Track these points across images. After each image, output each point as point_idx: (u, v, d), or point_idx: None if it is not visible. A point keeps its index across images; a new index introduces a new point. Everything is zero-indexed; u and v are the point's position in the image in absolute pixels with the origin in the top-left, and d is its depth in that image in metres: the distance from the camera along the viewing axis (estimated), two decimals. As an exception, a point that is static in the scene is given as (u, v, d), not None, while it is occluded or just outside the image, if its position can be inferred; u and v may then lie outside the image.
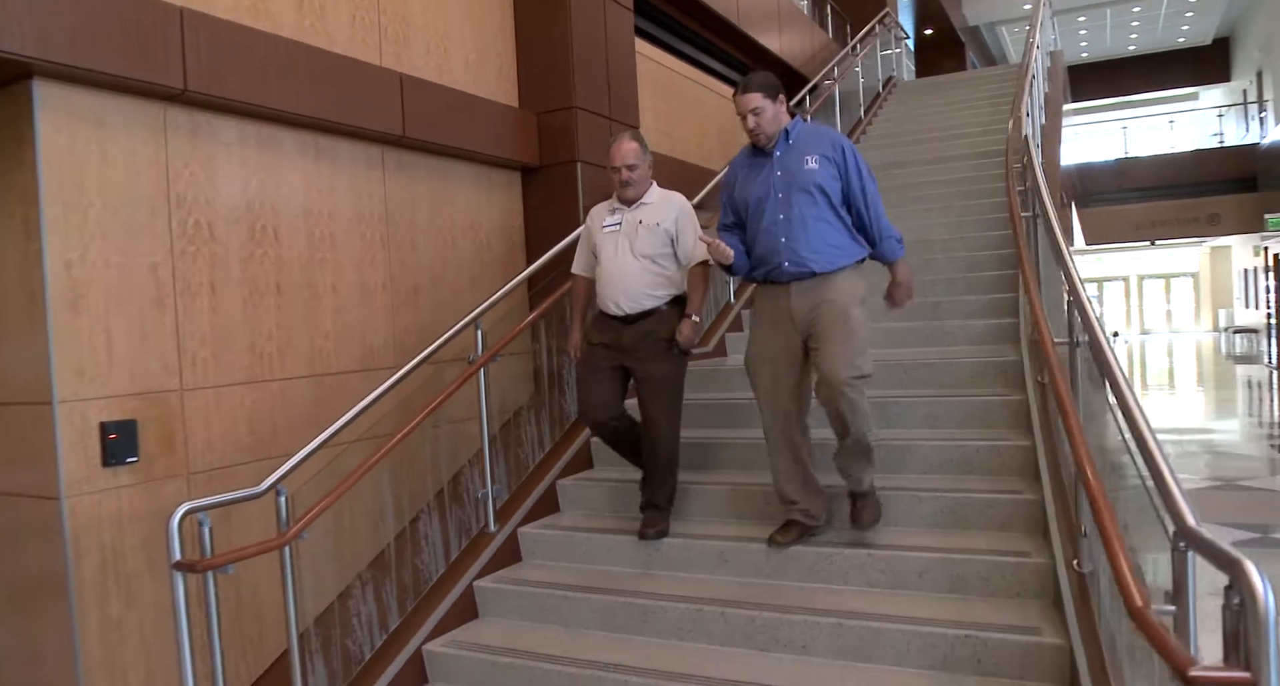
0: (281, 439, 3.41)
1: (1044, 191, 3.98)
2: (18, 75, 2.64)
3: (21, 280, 2.73)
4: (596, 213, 3.46)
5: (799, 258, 2.95)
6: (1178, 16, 18.91)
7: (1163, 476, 1.99)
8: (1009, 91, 10.25)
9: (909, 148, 8.71)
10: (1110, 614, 2.60)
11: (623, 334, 3.29)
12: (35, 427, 2.73)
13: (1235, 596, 1.54)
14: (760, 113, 2.94)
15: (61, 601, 2.73)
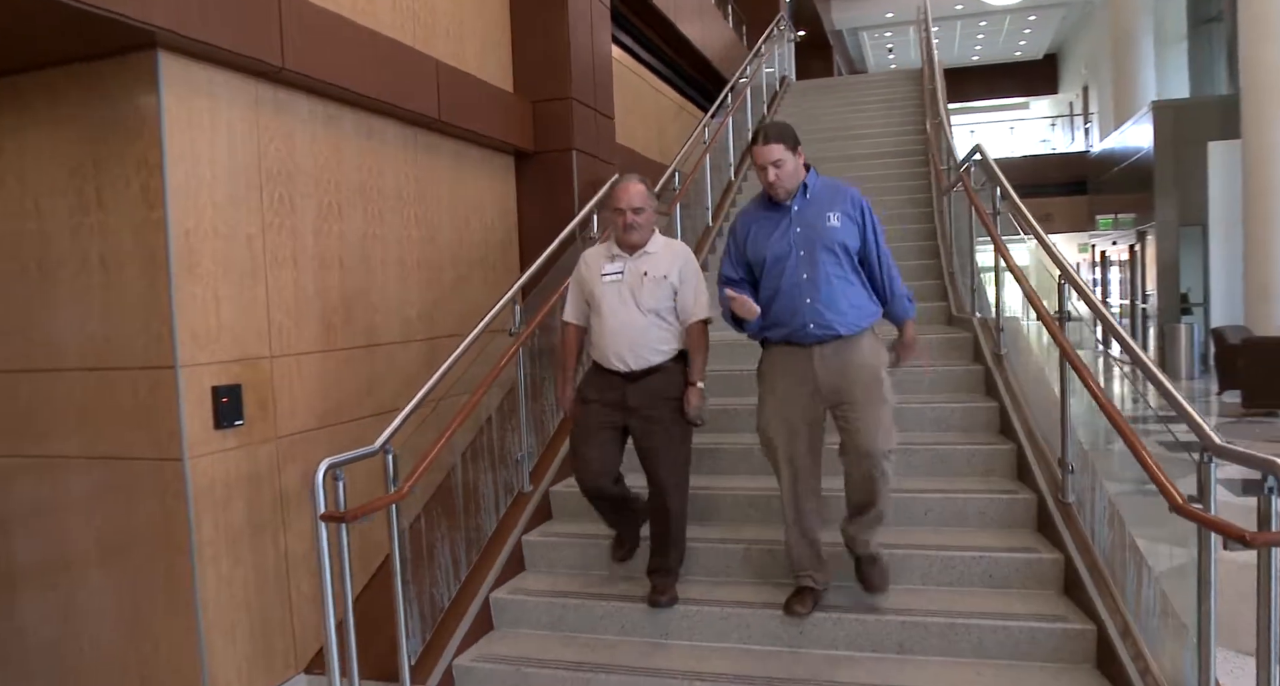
0: (347, 406, 3.60)
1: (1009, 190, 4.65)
2: (140, 45, 2.74)
3: (138, 246, 2.84)
4: (592, 258, 3.22)
5: (824, 320, 2.86)
6: (1016, 33, 21.00)
7: (1183, 407, 2.64)
8: (895, 96, 11.30)
9: (817, 146, 9.44)
10: (1101, 529, 3.27)
11: (627, 393, 3.09)
12: (154, 391, 2.85)
13: (1270, 482, 2.16)
14: (782, 165, 2.83)
15: (184, 559, 2.87)
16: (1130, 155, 13.96)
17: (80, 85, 2.86)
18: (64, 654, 3.05)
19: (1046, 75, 23.70)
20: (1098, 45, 19.23)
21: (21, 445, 3.04)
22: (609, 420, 3.14)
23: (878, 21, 19.39)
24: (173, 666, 2.92)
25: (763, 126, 2.91)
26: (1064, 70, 23.36)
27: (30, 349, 3.01)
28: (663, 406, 3.11)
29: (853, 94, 11.69)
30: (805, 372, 2.91)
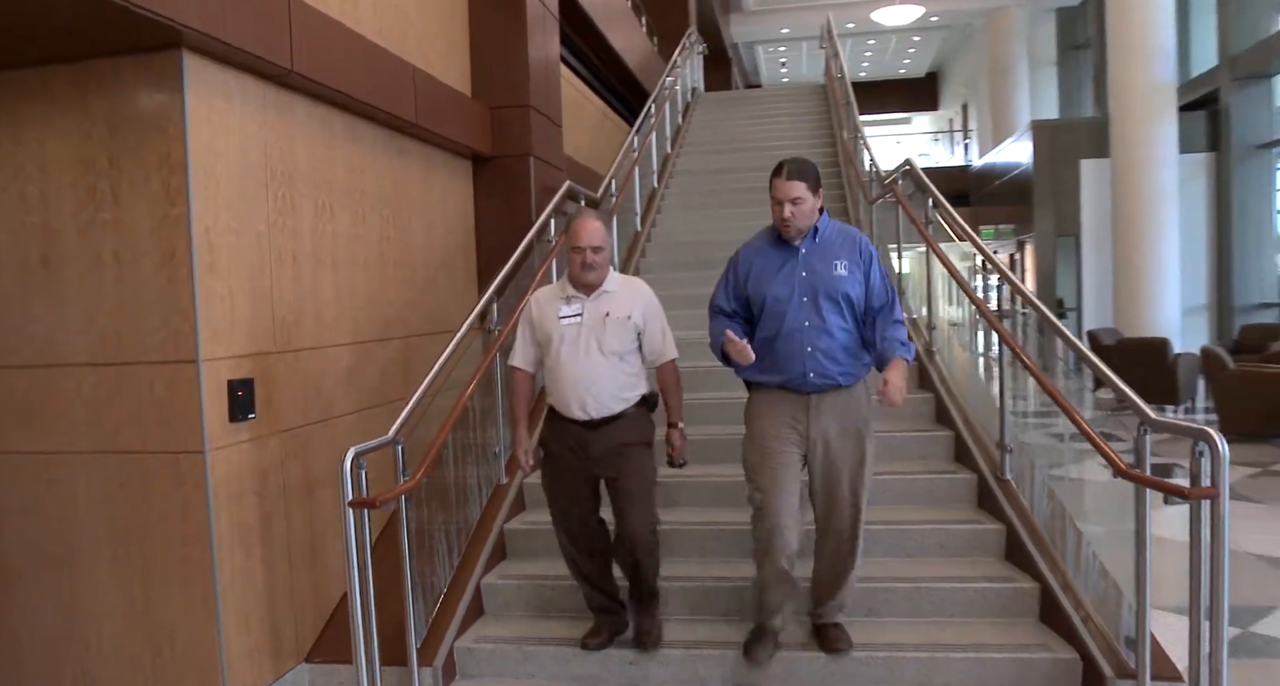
0: (337, 401, 3.71)
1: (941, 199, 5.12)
2: (165, 44, 2.82)
3: (157, 242, 2.90)
4: (545, 299, 3.08)
5: (825, 369, 2.83)
6: (901, 52, 22.26)
7: (1119, 386, 3.09)
8: (801, 109, 11.90)
9: (731, 156, 9.90)
10: (1041, 502, 3.72)
11: (588, 442, 2.97)
12: (172, 386, 2.92)
13: (1201, 448, 2.60)
14: (800, 204, 2.78)
15: (201, 551, 2.95)
16: (1011, 170, 15.06)
17: (100, 81, 2.90)
18: (73, 647, 3.06)
19: (928, 92, 25.19)
20: (976, 66, 20.61)
21: (26, 441, 3.04)
22: (578, 468, 3.01)
23: (774, 37, 20.21)
24: (188, 658, 2.99)
25: (786, 161, 2.84)
26: (944, 88, 24.87)
27: (36, 344, 3.02)
28: (629, 455, 2.98)
29: (762, 106, 12.24)
30: (798, 419, 2.87)
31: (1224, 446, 2.56)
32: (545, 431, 3.11)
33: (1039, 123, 14.13)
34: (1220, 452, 2.56)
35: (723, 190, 8.69)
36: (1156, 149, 11.27)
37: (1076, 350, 3.42)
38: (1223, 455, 2.56)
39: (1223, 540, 2.61)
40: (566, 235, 3.01)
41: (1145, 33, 11.53)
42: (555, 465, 3.07)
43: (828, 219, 2.93)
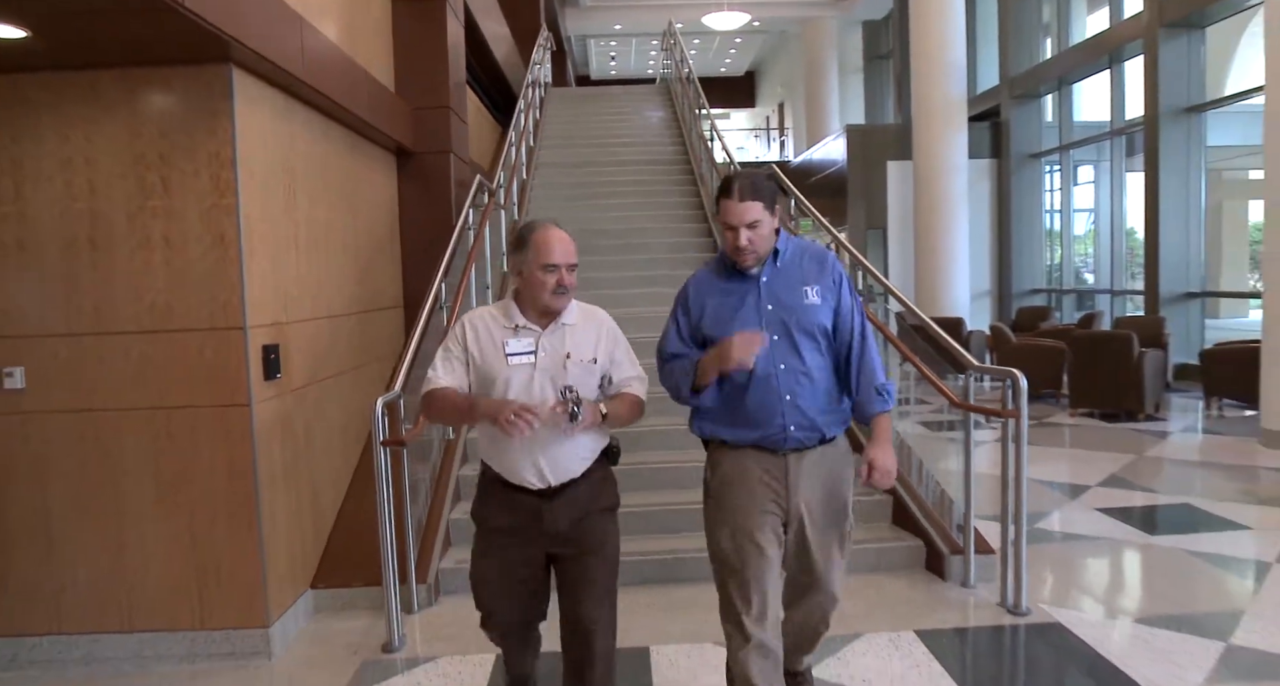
0: (322, 365, 4.33)
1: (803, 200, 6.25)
2: (218, 58, 3.39)
3: (207, 228, 3.46)
4: (484, 326, 2.46)
5: (809, 420, 2.40)
6: (724, 52, 23.93)
7: (952, 344, 4.30)
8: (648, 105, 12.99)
9: (590, 149, 10.82)
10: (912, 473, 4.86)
11: (544, 514, 2.42)
12: (220, 350, 3.50)
13: (1008, 383, 3.80)
14: (758, 228, 2.36)
15: (247, 489, 3.55)
16: (827, 167, 16.83)
17: (149, 86, 3.42)
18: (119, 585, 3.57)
19: (746, 90, 27.12)
20: (792, 69, 22.54)
21: (72, 400, 3.51)
22: (524, 556, 2.49)
23: (606, 32, 21.24)
24: (235, 586, 3.58)
25: (737, 176, 2.44)
26: (762, 87, 26.86)
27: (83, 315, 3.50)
28: (593, 524, 2.48)
29: (612, 104, 13.22)
30: (776, 482, 2.42)
31: (1024, 382, 3.78)
32: (482, 505, 2.52)
33: (852, 127, 15.93)
34: (1021, 386, 3.77)
35: (588, 182, 9.60)
36: (950, 154, 13.18)
37: (922, 322, 4.62)
38: (1023, 388, 3.77)
39: (1023, 449, 3.84)
40: (525, 250, 2.38)
41: (941, 51, 13.42)
42: (495, 549, 2.49)
43: (787, 237, 2.48)
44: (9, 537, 3.56)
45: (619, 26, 20.50)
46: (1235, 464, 6.50)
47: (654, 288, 7.07)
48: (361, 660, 3.56)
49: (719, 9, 17.85)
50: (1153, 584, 4.32)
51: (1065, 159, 13.61)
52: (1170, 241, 10.51)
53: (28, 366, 3.50)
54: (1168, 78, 10.45)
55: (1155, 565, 4.46)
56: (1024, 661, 3.53)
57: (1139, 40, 10.86)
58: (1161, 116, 10.46)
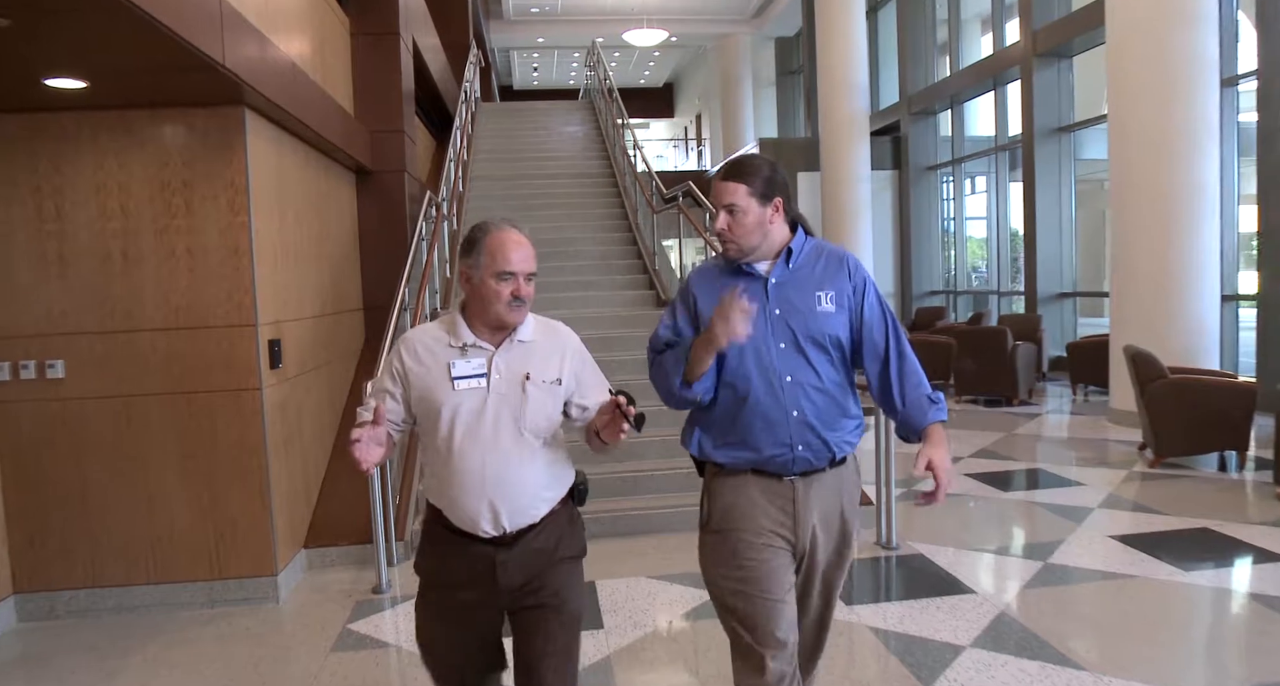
0: (308, 358, 5.09)
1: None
2: (231, 100, 4.14)
3: (223, 240, 4.21)
4: (424, 346, 2.13)
5: (819, 439, 2.17)
6: (643, 64, 24.99)
7: None
8: (573, 120, 13.88)
9: (522, 163, 11.66)
10: None
11: (500, 567, 2.10)
12: (234, 344, 4.25)
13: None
14: (737, 213, 2.13)
15: (258, 460, 4.31)
16: (741, 178, 17.96)
17: (175, 124, 4.16)
18: (147, 541, 4.28)
19: (665, 101, 28.25)
20: (709, 82, 23.71)
21: (104, 387, 4.21)
22: (479, 620, 2.17)
23: (529, 44, 22.05)
24: (247, 542, 4.33)
25: (734, 157, 2.28)
26: (680, 99, 28.02)
27: (116, 316, 4.20)
28: (556, 576, 2.15)
29: (538, 119, 14.08)
30: (781, 517, 2.19)
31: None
32: (426, 556, 2.20)
33: (764, 140, 17.11)
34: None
35: (521, 194, 10.44)
36: (854, 166, 14.41)
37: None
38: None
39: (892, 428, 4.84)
40: (476, 254, 2.07)
41: (845, 71, 14.66)
42: (445, 612, 2.16)
43: (804, 237, 2.25)
44: (49, 504, 4.24)
45: (542, 40, 21.35)
46: (1086, 437, 7.71)
47: (587, 291, 7.96)
48: (355, 600, 4.36)
49: (639, 26, 18.85)
50: (997, 525, 5.38)
51: (958, 171, 14.99)
52: (1045, 247, 11.86)
53: (67, 360, 4.20)
54: (1041, 100, 11.82)
55: (1003, 513, 5.54)
56: (894, 578, 4.51)
57: (1017, 66, 12.22)
58: (1036, 135, 11.81)
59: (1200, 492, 5.79)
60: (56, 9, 2.77)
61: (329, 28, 6.08)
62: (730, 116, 21.34)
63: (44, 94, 3.80)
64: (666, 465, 5.53)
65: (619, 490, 5.34)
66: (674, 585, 4.34)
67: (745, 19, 20.60)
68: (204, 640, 3.98)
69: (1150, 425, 6.49)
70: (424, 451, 2.16)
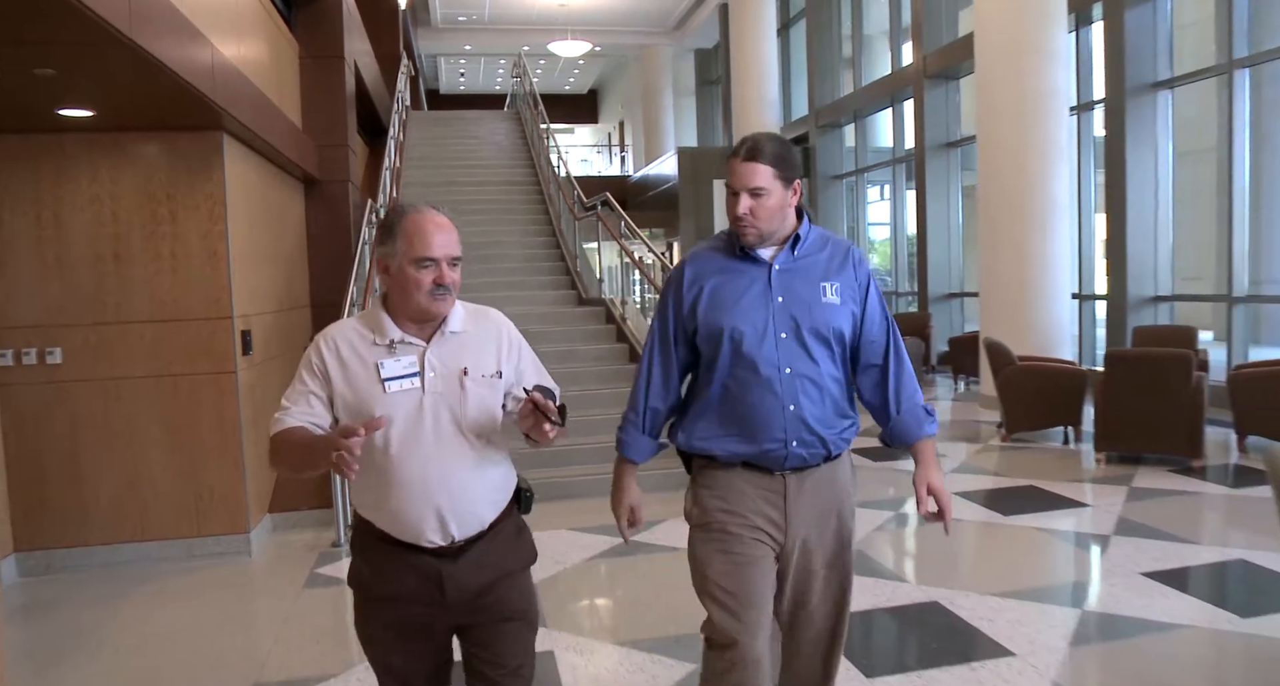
0: (269, 348, 5.85)
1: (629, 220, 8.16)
2: (212, 125, 4.90)
3: (204, 245, 4.97)
4: (349, 345, 1.94)
5: (815, 436, 2.10)
6: (568, 71, 25.86)
7: None
8: (500, 129, 14.69)
9: (453, 170, 12.43)
10: None
11: (447, 580, 1.95)
12: (212, 334, 5.01)
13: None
14: (763, 196, 2.04)
15: (234, 435, 5.08)
16: (662, 183, 18.97)
17: (161, 145, 4.90)
18: (134, 503, 5.01)
19: (590, 107, 29.19)
20: (632, 90, 24.70)
21: (98, 371, 4.93)
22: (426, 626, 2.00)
23: (457, 51, 22.73)
24: (223, 504, 5.10)
25: (751, 136, 2.12)
26: (604, 105, 28.98)
27: (108, 310, 4.92)
28: (506, 587, 2.04)
29: (467, 127, 14.85)
30: (770, 510, 2.14)
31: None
32: (360, 570, 2.03)
33: (683, 148, 18.12)
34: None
35: (452, 200, 11.20)
36: (766, 176, 15.50)
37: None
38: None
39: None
40: (394, 240, 1.91)
41: (757, 84, 15.80)
42: (390, 632, 2.01)
43: (809, 224, 2.18)
44: (45, 472, 4.93)
45: (469, 47, 22.06)
46: (959, 419, 8.88)
47: (513, 291, 8.81)
48: (318, 552, 5.15)
49: (563, 36, 19.72)
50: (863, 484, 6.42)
51: (860, 181, 16.23)
52: (935, 251, 13.12)
53: (64, 347, 4.90)
54: (931, 117, 13.07)
55: (869, 477, 6.58)
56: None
57: (911, 85, 13.46)
58: (927, 149, 13.05)
59: (1036, 460, 6.94)
60: (87, 58, 3.52)
61: (282, 53, 6.83)
62: (652, 124, 22.35)
63: (54, 120, 4.52)
64: (587, 441, 6.44)
65: (544, 462, 6.21)
66: (589, 534, 5.24)
67: (666, 31, 21.62)
68: (190, 584, 4.74)
69: (1003, 406, 7.64)
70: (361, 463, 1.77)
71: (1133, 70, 9.47)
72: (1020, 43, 8.81)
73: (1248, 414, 6.83)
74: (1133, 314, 9.59)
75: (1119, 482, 6.14)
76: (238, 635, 4.09)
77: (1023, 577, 4.50)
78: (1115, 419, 6.60)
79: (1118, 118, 9.58)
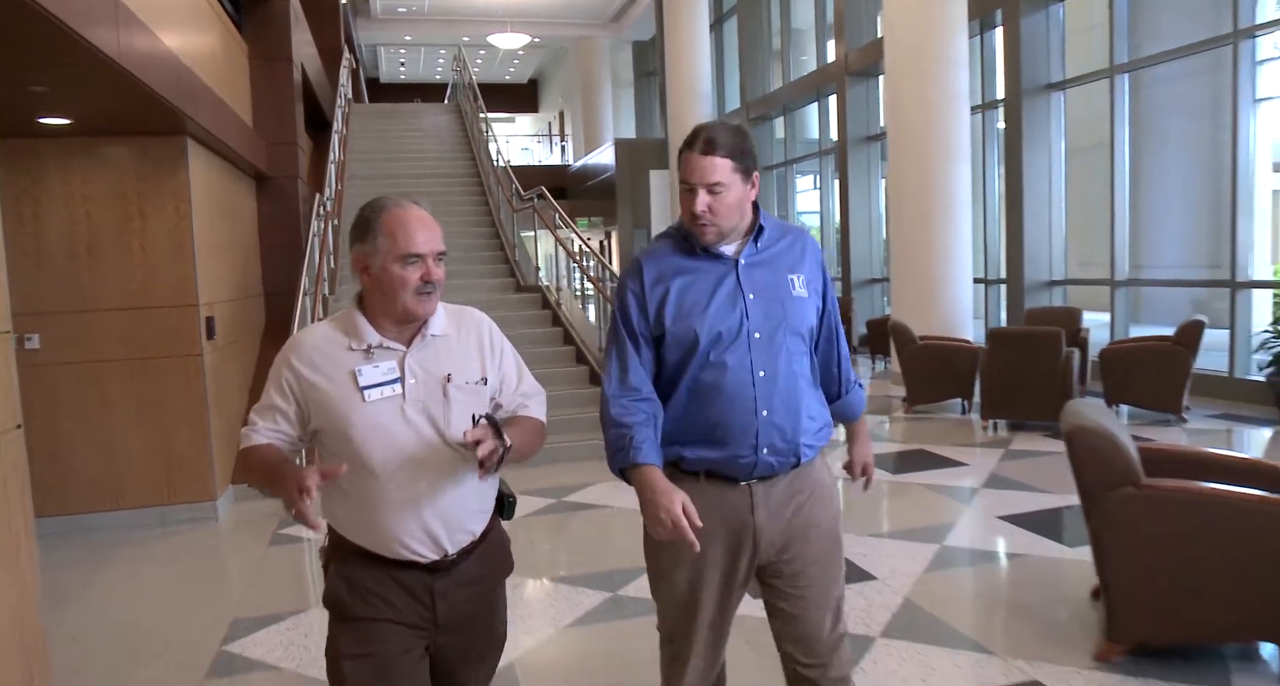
0: (228, 333, 6.38)
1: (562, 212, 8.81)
2: (177, 130, 5.42)
3: (170, 239, 5.49)
4: (319, 354, 1.84)
5: (788, 443, 1.99)
6: (509, 60, 26.28)
7: None
8: (440, 123, 15.16)
9: (395, 163, 12.90)
10: None
11: (439, 596, 1.87)
12: (180, 320, 5.54)
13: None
14: (721, 192, 1.93)
15: (201, 411, 5.62)
16: (600, 172, 19.61)
17: (130, 149, 5.41)
18: (110, 475, 5.53)
19: (530, 97, 29.65)
20: (571, 80, 25.24)
21: (74, 354, 5.43)
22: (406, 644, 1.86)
23: (396, 42, 23.03)
24: (192, 475, 5.65)
25: (705, 127, 1.97)
26: (544, 95, 29.46)
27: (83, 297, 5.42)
28: (492, 604, 2.02)
29: (409, 120, 15.30)
30: (740, 522, 2.01)
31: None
32: (338, 589, 1.88)
33: (620, 140, 18.79)
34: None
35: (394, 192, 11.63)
36: (700, 166, 16.22)
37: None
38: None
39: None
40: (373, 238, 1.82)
41: (691, 77, 16.50)
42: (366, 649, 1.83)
43: (766, 215, 2.08)
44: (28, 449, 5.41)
45: (409, 38, 22.39)
46: (873, 395, 9.70)
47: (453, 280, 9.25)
48: (280, 517, 5.72)
49: (503, 28, 20.18)
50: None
51: (790, 171, 17.03)
52: (858, 239, 13.97)
53: (42, 333, 5.39)
54: (853, 112, 13.89)
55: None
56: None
57: (834, 82, 14.26)
58: (850, 142, 13.88)
59: (932, 428, 7.77)
60: (77, 78, 4.04)
61: (234, 55, 7.31)
62: (590, 114, 22.93)
63: (34, 127, 5.01)
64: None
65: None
66: (530, 496, 5.90)
67: (604, 23, 22.19)
68: (165, 547, 5.30)
69: (906, 381, 8.46)
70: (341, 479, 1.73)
71: (1028, 72, 10.36)
72: (924, 50, 9.61)
73: (1116, 384, 7.74)
74: (1030, 297, 10.52)
75: (999, 446, 6.98)
76: (213, 584, 4.68)
77: (898, 522, 5.28)
78: (998, 390, 7.44)
79: (1015, 116, 10.47)
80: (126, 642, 3.96)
